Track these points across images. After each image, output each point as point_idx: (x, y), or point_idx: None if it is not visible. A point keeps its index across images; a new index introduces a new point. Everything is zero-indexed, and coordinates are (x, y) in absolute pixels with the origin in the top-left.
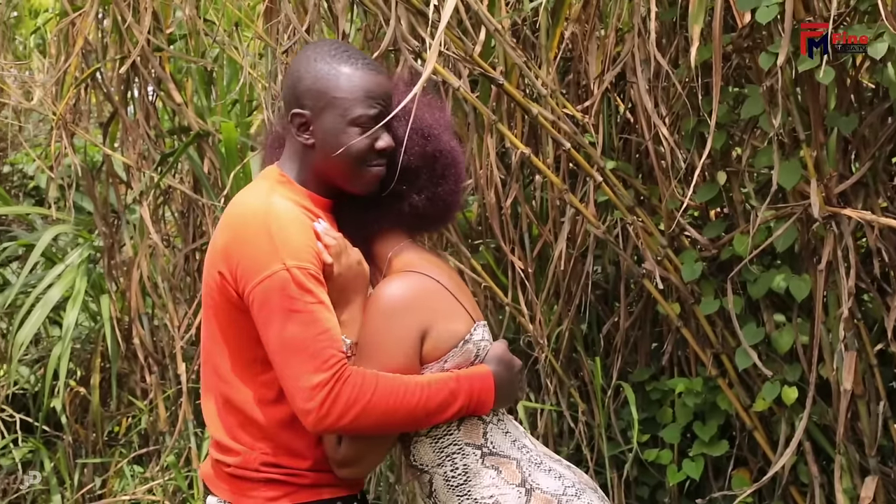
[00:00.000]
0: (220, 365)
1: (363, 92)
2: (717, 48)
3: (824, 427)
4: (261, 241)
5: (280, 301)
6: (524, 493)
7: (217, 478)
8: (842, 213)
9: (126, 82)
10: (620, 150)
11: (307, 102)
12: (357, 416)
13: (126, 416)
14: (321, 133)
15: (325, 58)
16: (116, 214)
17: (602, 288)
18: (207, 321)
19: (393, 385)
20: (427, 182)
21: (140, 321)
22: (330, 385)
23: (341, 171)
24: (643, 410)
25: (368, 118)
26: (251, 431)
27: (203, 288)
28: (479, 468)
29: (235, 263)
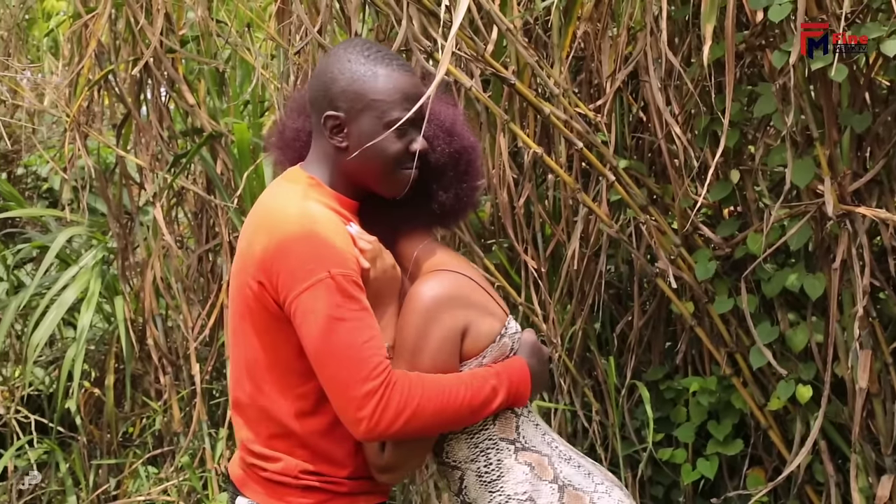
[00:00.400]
0: (257, 375)
1: (401, 94)
2: (730, 46)
3: (839, 426)
4: (303, 250)
5: (326, 309)
6: (557, 489)
7: (251, 480)
8: (856, 211)
9: (139, 84)
10: (633, 148)
11: (342, 104)
12: (407, 421)
13: (140, 416)
14: (356, 135)
15: (359, 58)
16: (130, 216)
17: (615, 287)
18: (242, 330)
19: (438, 386)
20: (453, 179)
21: (154, 322)
22: (380, 393)
23: (375, 173)
24: (657, 410)
25: (406, 121)
26: (288, 441)
27: (235, 295)
28: (512, 463)
29: (276, 272)
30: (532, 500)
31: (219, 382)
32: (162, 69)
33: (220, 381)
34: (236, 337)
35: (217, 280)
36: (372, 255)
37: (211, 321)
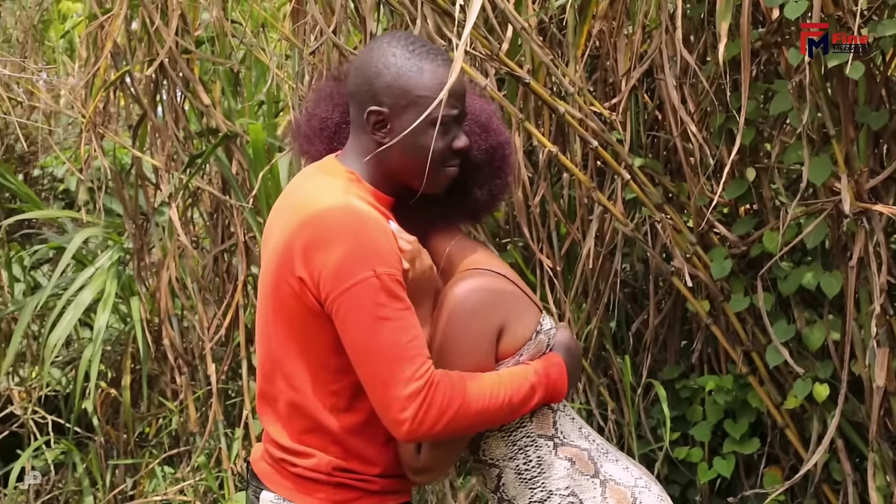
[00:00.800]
0: (290, 371)
1: (446, 91)
2: (746, 44)
3: (857, 424)
4: (347, 247)
5: (370, 308)
6: (599, 483)
7: (279, 475)
8: (873, 208)
9: (154, 84)
10: (648, 147)
11: (386, 100)
12: (450, 422)
13: (156, 417)
14: (400, 132)
15: (404, 53)
16: (146, 216)
17: (631, 286)
18: (276, 325)
19: (480, 386)
20: (487, 176)
21: (170, 322)
22: (423, 394)
23: (418, 170)
24: (673, 408)
25: (450, 118)
26: (320, 437)
27: (270, 290)
28: (552, 459)
29: (319, 269)
30: (575, 494)
31: (234, 382)
32: (177, 70)
33: (235, 382)
34: (268, 331)
35: (232, 280)
36: (411, 255)
37: (226, 321)
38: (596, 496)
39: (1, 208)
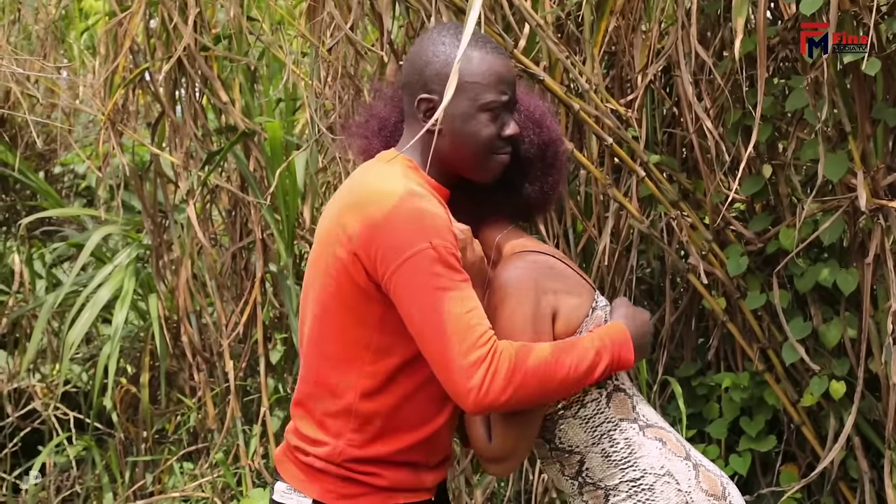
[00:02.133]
0: (328, 350)
1: (495, 77)
2: (762, 40)
3: (874, 422)
4: (405, 223)
5: (428, 279)
6: (692, 467)
7: (292, 464)
8: (889, 205)
9: (173, 82)
10: (664, 144)
11: (436, 87)
12: (517, 390)
13: (175, 413)
14: (450, 119)
15: (453, 41)
16: (164, 214)
17: (647, 283)
18: (322, 305)
19: (543, 353)
20: (539, 172)
21: (188, 320)
22: (488, 361)
23: (469, 157)
24: (689, 406)
25: (499, 104)
26: (343, 421)
27: (320, 271)
28: (642, 440)
29: (376, 246)
30: (671, 474)
31: (253, 380)
32: (195, 67)
33: (254, 378)
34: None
35: (250, 277)
36: (463, 244)
37: (244, 318)
38: (690, 478)
39: (22, 206)
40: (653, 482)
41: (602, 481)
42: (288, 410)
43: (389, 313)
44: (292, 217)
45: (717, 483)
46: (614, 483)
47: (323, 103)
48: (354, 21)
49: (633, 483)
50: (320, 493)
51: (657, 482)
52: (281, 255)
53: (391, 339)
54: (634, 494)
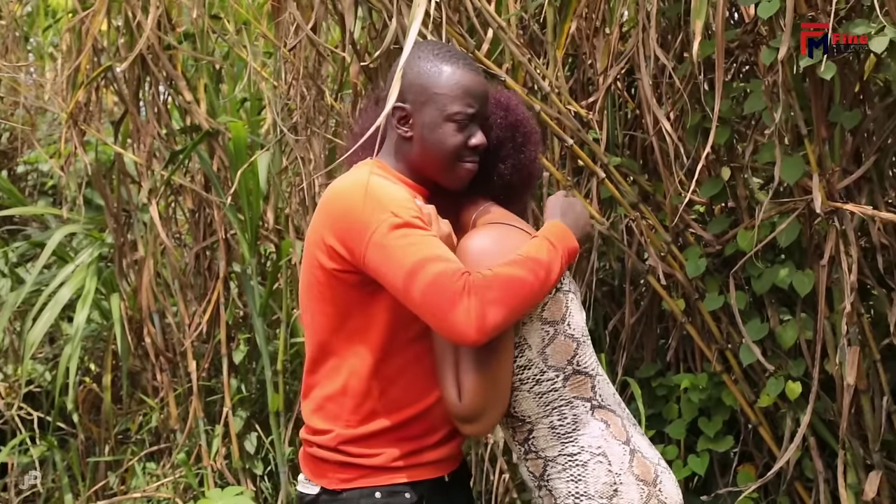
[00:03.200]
0: (321, 337)
1: (461, 90)
2: (720, 43)
3: (829, 422)
4: (364, 202)
5: (397, 242)
6: (629, 452)
7: (303, 457)
8: (843, 208)
9: (137, 81)
10: (626, 146)
11: (408, 97)
12: (507, 304)
13: (138, 413)
14: (419, 127)
15: (428, 56)
16: (128, 213)
17: (609, 284)
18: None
19: (512, 265)
20: (511, 150)
21: (151, 319)
22: (467, 290)
23: (436, 164)
24: (649, 406)
25: (465, 115)
26: (340, 400)
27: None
28: (588, 419)
29: (345, 231)
30: (605, 455)
31: (216, 380)
32: (160, 66)
33: (217, 378)
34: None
35: (214, 277)
36: (428, 219)
37: (206, 317)
38: (624, 462)
39: None
40: (587, 459)
41: (544, 451)
42: (249, 411)
43: (369, 294)
44: (255, 217)
45: (650, 469)
46: (553, 455)
47: (286, 103)
48: (317, 21)
49: (569, 457)
50: (324, 480)
51: (591, 460)
52: (244, 255)
53: (378, 320)
54: (569, 468)
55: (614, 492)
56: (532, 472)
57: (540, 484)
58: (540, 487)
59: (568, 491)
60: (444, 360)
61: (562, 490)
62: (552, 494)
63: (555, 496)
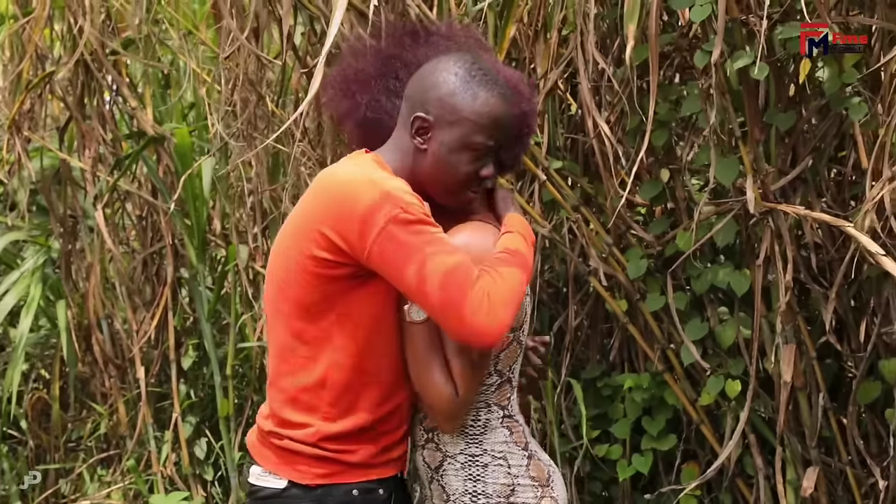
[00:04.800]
0: (297, 325)
1: (491, 121)
2: (654, 47)
3: (769, 420)
4: (371, 195)
5: (409, 237)
6: (526, 456)
7: (266, 448)
8: (777, 208)
9: (82, 87)
10: (568, 149)
11: (433, 110)
12: (512, 302)
13: (87, 420)
14: (437, 144)
15: (466, 75)
16: (75, 219)
17: (554, 286)
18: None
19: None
20: (515, 140)
21: (99, 326)
22: (485, 291)
23: (442, 185)
24: (595, 407)
25: (486, 148)
26: (317, 394)
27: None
28: (497, 425)
29: (347, 221)
30: (505, 459)
31: (167, 385)
32: (103, 71)
33: (167, 385)
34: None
35: (162, 283)
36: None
37: (154, 323)
38: (522, 465)
39: None
40: (488, 462)
41: (446, 446)
42: (199, 416)
43: (355, 286)
44: (202, 222)
45: (544, 471)
46: (455, 452)
47: (227, 110)
48: (261, 28)
49: (470, 457)
50: (295, 474)
51: (491, 462)
52: (192, 260)
53: (359, 312)
54: (468, 467)
55: (511, 492)
56: (427, 462)
57: (433, 476)
58: (432, 480)
59: (465, 489)
60: (431, 355)
61: (457, 487)
62: (444, 490)
63: (447, 492)
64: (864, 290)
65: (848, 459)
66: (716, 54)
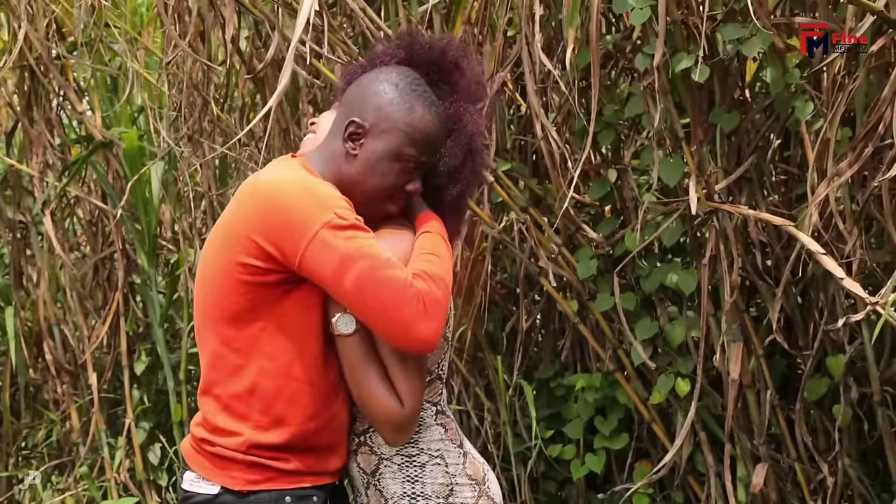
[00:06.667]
0: (226, 332)
1: (424, 137)
2: (594, 50)
3: (719, 418)
4: (302, 200)
5: (343, 242)
6: (462, 454)
7: (199, 454)
8: (721, 208)
9: (28, 92)
10: (517, 150)
11: (369, 118)
12: (444, 305)
13: (38, 427)
14: (368, 151)
15: (406, 88)
16: (25, 225)
17: (507, 287)
18: (216, 288)
19: (431, 262)
20: (469, 173)
21: (50, 332)
22: (420, 296)
23: (366, 194)
24: (549, 407)
25: (416, 162)
26: (248, 402)
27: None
28: (431, 423)
29: (279, 228)
30: (442, 457)
31: (120, 391)
32: (49, 76)
33: (120, 391)
34: (207, 305)
35: (113, 288)
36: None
37: (104, 329)
38: (458, 463)
39: None
40: (425, 461)
41: (380, 448)
42: (152, 422)
43: (283, 294)
44: (152, 227)
45: (479, 469)
46: (390, 454)
47: (173, 114)
48: (206, 32)
49: (407, 458)
50: (227, 480)
51: (429, 462)
52: (143, 265)
53: (288, 320)
54: (405, 468)
55: (450, 492)
56: (363, 467)
57: (369, 482)
58: (368, 486)
59: (403, 491)
60: (367, 367)
61: (395, 490)
62: (382, 495)
63: (385, 496)
64: (810, 288)
65: (796, 456)
66: (657, 57)
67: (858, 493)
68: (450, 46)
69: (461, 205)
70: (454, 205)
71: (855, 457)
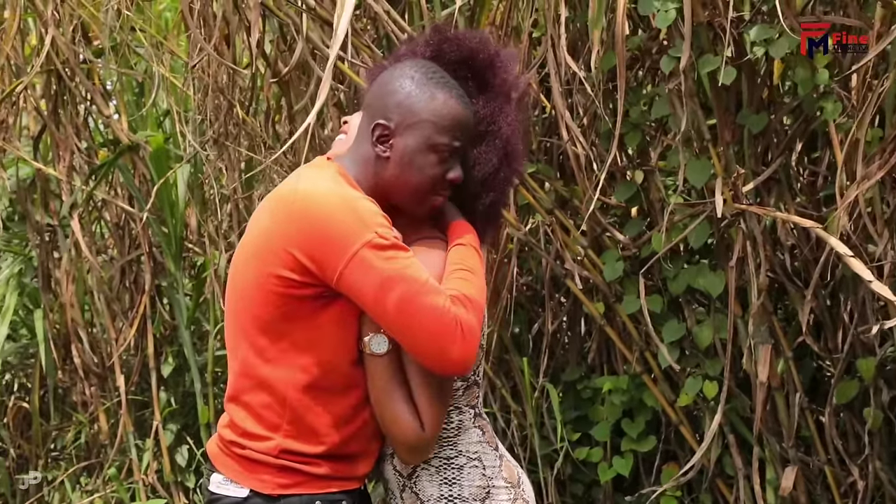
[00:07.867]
0: (259, 343)
1: (452, 121)
2: (621, 52)
3: (748, 420)
4: (343, 217)
5: (383, 263)
6: (498, 457)
7: (227, 456)
8: (748, 210)
9: (55, 96)
10: (543, 152)
11: (394, 116)
12: (479, 328)
13: (66, 429)
14: (400, 150)
15: (422, 78)
16: (52, 228)
17: (533, 289)
18: (249, 298)
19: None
20: (503, 180)
21: (78, 334)
22: (458, 321)
23: (407, 190)
24: (576, 409)
25: (450, 148)
26: (278, 412)
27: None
28: (469, 426)
29: (318, 243)
30: (480, 460)
31: (147, 393)
32: (76, 81)
33: (147, 393)
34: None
35: (140, 291)
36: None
37: (132, 331)
38: (495, 466)
39: None
40: (463, 463)
41: None
42: (180, 424)
43: (320, 308)
44: (178, 230)
45: (514, 472)
46: (428, 456)
47: (199, 117)
48: (231, 35)
49: (445, 461)
50: (257, 483)
51: (467, 464)
52: (169, 268)
53: (322, 333)
54: (443, 471)
55: (487, 494)
56: (399, 470)
57: (405, 485)
58: (404, 488)
59: (440, 494)
60: (394, 388)
61: (431, 493)
62: (418, 497)
63: (421, 498)
64: (839, 290)
65: (826, 458)
66: (684, 60)
67: (890, 496)
68: (483, 45)
69: (495, 213)
70: (488, 214)
71: (886, 460)
